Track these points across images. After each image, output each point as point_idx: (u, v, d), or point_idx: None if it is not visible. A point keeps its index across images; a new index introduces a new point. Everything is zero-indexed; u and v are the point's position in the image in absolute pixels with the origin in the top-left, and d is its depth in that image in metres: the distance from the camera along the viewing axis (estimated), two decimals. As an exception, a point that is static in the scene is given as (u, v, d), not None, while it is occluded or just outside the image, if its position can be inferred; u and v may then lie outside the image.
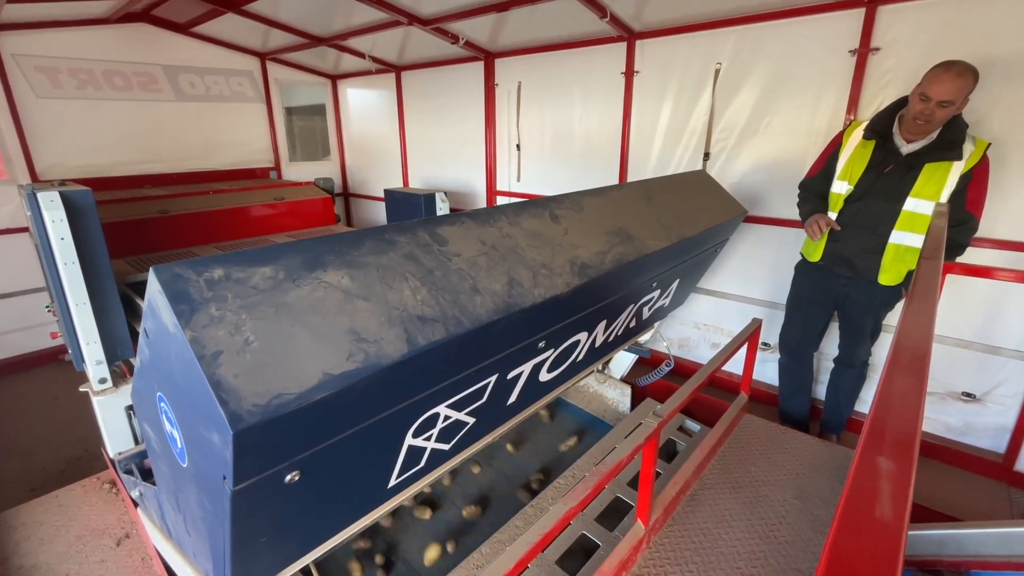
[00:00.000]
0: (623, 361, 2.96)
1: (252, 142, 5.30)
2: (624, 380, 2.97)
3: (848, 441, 2.75)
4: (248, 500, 0.81)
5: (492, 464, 2.48)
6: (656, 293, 2.18)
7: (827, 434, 2.81)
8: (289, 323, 0.84)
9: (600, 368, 3.01)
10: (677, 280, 2.33)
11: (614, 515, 2.04)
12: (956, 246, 2.15)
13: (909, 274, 2.27)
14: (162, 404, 0.99)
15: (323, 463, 0.92)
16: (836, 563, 0.40)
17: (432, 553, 1.94)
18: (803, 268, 2.64)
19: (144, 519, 1.80)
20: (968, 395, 2.60)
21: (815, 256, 2.51)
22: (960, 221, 2.10)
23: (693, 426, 2.61)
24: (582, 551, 1.85)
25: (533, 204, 1.53)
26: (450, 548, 1.98)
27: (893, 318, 2.54)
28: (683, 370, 3.44)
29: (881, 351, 2.66)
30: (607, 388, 2.96)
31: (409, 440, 1.16)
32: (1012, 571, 1.70)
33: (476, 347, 1.13)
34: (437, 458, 1.40)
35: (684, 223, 2.03)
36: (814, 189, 2.53)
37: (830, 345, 2.83)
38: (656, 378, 2.92)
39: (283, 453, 0.82)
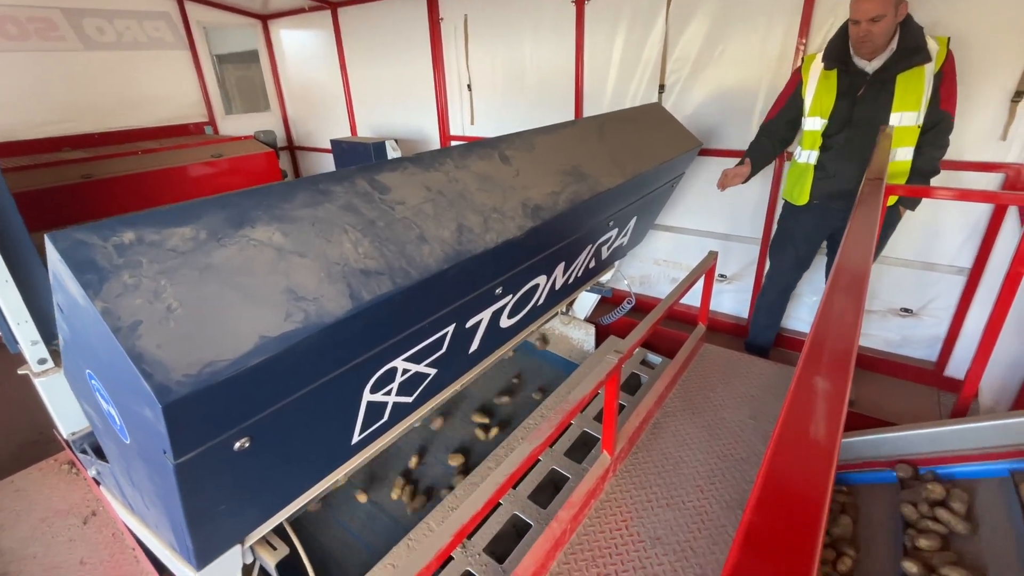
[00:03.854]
0: (586, 302, 3.00)
1: (180, 95, 4.86)
2: (588, 320, 3.02)
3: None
4: (195, 471, 0.78)
5: (462, 408, 2.52)
6: (614, 232, 2.17)
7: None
8: (216, 286, 0.78)
9: (564, 310, 3.04)
10: (635, 218, 2.32)
11: (582, 449, 2.12)
12: (932, 159, 2.14)
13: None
14: (93, 382, 0.92)
15: (275, 427, 0.90)
16: (773, 473, 0.41)
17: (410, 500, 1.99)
18: (792, 210, 2.58)
19: (108, 496, 1.76)
20: (906, 310, 2.76)
21: (802, 199, 2.45)
22: (935, 122, 2.10)
23: (655, 359, 2.70)
24: (552, 485, 1.92)
25: (481, 145, 1.45)
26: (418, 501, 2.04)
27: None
28: (645, 306, 3.53)
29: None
30: (572, 329, 3.00)
31: (368, 396, 1.14)
32: (939, 464, 1.87)
33: (428, 298, 1.09)
34: (401, 411, 1.39)
35: (639, 158, 2.00)
36: (773, 133, 2.48)
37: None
38: (618, 316, 2.98)
39: (227, 421, 0.78)
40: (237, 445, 0.83)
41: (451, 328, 1.30)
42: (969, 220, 2.50)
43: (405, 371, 1.23)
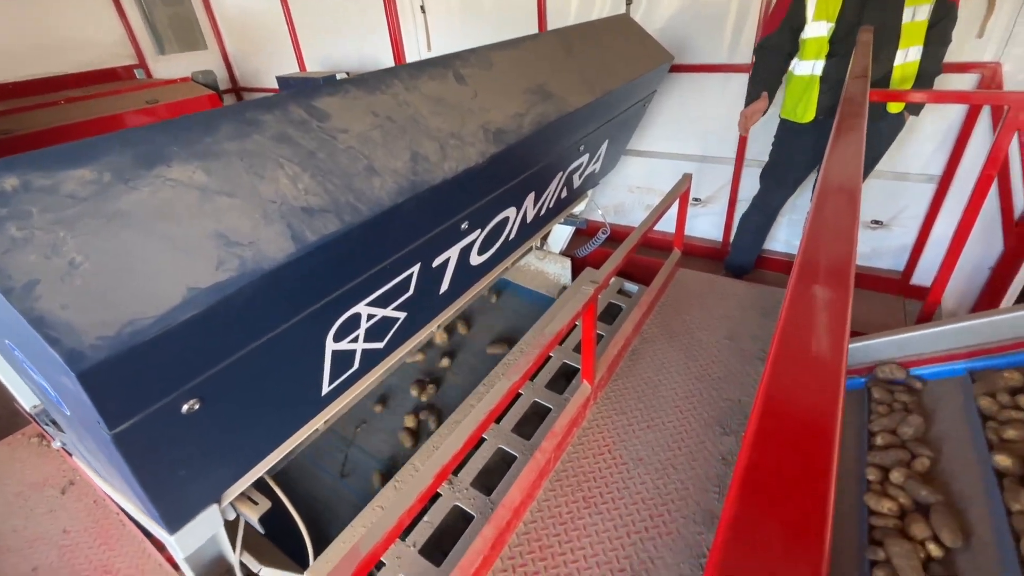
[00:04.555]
0: (560, 234, 2.93)
1: (102, 35, 4.36)
2: (563, 254, 2.96)
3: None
4: (138, 440, 0.71)
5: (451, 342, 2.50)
6: (585, 158, 2.06)
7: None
8: (129, 236, 0.68)
9: (538, 245, 2.97)
10: (606, 141, 2.21)
11: (564, 380, 2.13)
12: (937, 58, 2.04)
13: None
14: (15, 353, 0.83)
15: (229, 385, 0.83)
16: (773, 398, 0.36)
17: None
18: (794, 129, 2.40)
19: (81, 464, 1.71)
20: (876, 222, 2.78)
21: (807, 116, 2.28)
22: (941, 16, 1.98)
23: (631, 287, 2.69)
24: (537, 417, 1.94)
25: (433, 64, 1.31)
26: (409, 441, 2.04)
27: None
28: (620, 236, 3.47)
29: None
30: (547, 264, 2.95)
31: (331, 345, 1.08)
32: (910, 368, 1.93)
33: (385, 236, 1.00)
34: (372, 357, 1.34)
35: (608, 75, 1.86)
36: (779, 48, 2.26)
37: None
38: (594, 247, 2.93)
39: (166, 384, 0.71)
40: (185, 408, 0.76)
41: (416, 268, 1.22)
42: (941, 127, 2.46)
43: (371, 316, 1.16)
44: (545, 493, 1.60)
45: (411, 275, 1.22)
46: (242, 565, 1.47)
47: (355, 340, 1.16)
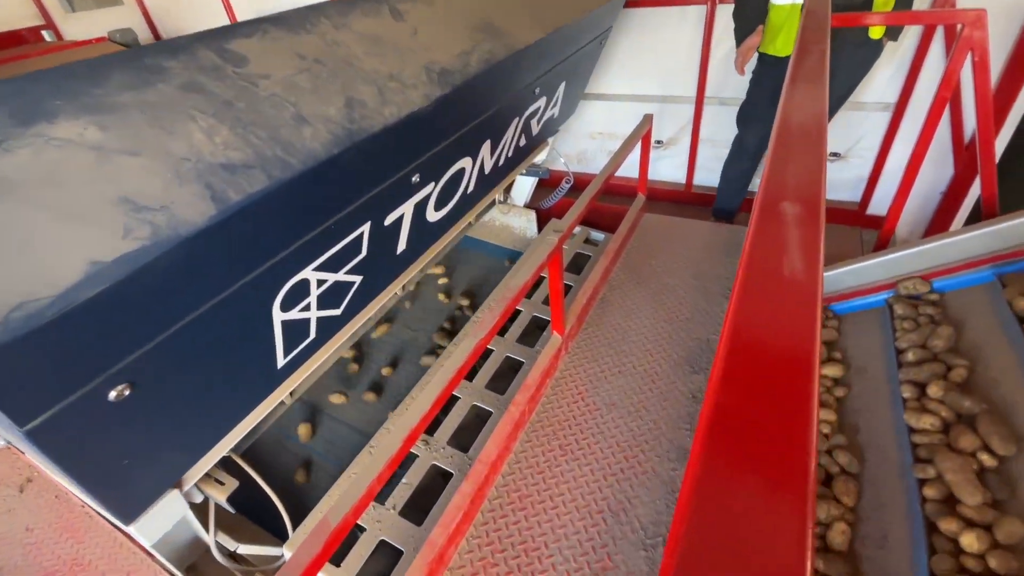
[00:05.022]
0: (523, 186, 2.85)
1: (-5, -8, 3.86)
2: (528, 206, 2.89)
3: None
4: (61, 433, 0.65)
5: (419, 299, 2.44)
6: (542, 102, 1.97)
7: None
8: (9, 206, 0.58)
9: (501, 198, 2.89)
10: (563, 84, 2.11)
11: (535, 333, 2.11)
12: None
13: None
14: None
15: (163, 365, 0.76)
16: (740, 328, 0.33)
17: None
18: (774, 64, 2.29)
19: (34, 460, 1.62)
20: (835, 155, 2.79)
21: (788, 49, 2.17)
22: None
23: (598, 236, 2.66)
24: (511, 371, 1.93)
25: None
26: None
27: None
28: (584, 184, 3.40)
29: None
30: (512, 217, 2.88)
31: (280, 316, 1.01)
32: (861, 296, 1.98)
33: (325, 192, 0.92)
34: (330, 325, 1.27)
35: (558, 10, 1.74)
36: None
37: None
38: (558, 197, 2.87)
39: (83, 370, 0.64)
40: (113, 395, 0.69)
41: (367, 227, 1.14)
42: (897, 53, 2.44)
43: (321, 282, 1.09)
44: (521, 445, 1.60)
45: (361, 235, 1.14)
46: (218, 545, 1.44)
47: (307, 309, 1.09)
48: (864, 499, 1.27)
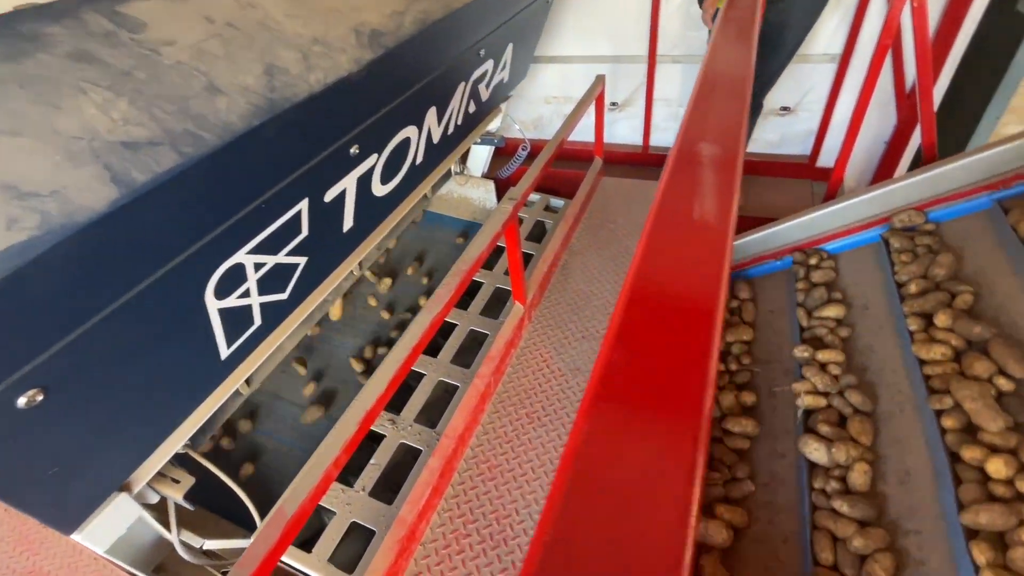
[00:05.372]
0: (479, 156, 2.78)
1: None
2: (486, 176, 2.83)
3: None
4: (-36, 447, 0.59)
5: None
6: (488, 65, 1.89)
7: None
8: None
9: (457, 169, 2.81)
10: (510, 46, 2.03)
11: (499, 305, 2.09)
12: None
13: None
14: None
15: (78, 366, 0.70)
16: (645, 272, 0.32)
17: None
18: None
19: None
20: (785, 109, 2.82)
21: None
22: None
23: (557, 203, 2.63)
24: (476, 344, 1.91)
25: (281, -45, 1.08)
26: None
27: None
28: (535, 151, 3.36)
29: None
30: (470, 189, 2.82)
31: (216, 304, 0.95)
32: (853, 234, 2.01)
33: (248, 168, 0.86)
34: (277, 311, 1.21)
35: (500, -36, 1.66)
36: None
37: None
38: (516, 166, 2.81)
39: (-21, 378, 0.58)
40: (22, 401, 0.63)
41: (304, 205, 1.08)
42: (842, 2, 2.45)
43: (259, 265, 1.03)
44: (489, 416, 1.60)
45: (299, 213, 1.08)
46: (183, 543, 1.40)
47: (246, 295, 1.04)
48: (881, 437, 1.25)
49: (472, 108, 1.96)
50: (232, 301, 0.99)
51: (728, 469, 1.38)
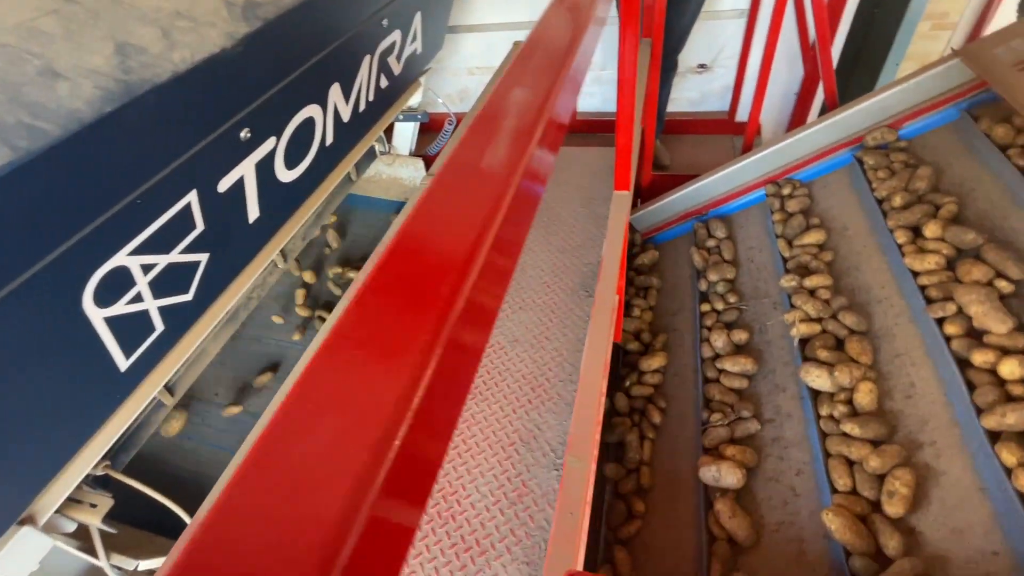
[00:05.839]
0: (404, 133, 2.69)
1: None
2: (414, 154, 2.75)
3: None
4: None
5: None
6: (396, 35, 1.81)
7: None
8: None
9: (384, 149, 2.71)
10: (418, 14, 1.95)
11: (434, 285, 2.06)
12: None
13: None
14: None
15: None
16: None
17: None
18: None
19: None
20: (702, 66, 2.87)
21: None
22: None
23: (488, 176, 2.60)
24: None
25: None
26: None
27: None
28: (471, 125, 3.29)
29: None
30: (399, 168, 2.73)
31: (98, 313, 0.87)
32: (734, 199, 2.11)
33: (107, 160, 0.78)
34: (183, 313, 1.13)
35: (393, -75, 1.57)
36: None
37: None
38: (444, 141, 2.74)
39: None
40: None
41: (193, 196, 1.00)
42: (747, -47, 2.49)
43: (148, 267, 0.95)
44: (430, 398, 1.59)
45: (189, 207, 1.00)
46: (114, 567, 1.33)
47: (138, 300, 0.96)
48: (881, 354, 1.24)
49: (384, 83, 1.87)
50: (120, 308, 0.92)
51: (730, 409, 1.38)
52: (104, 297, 0.87)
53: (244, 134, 1.08)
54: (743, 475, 1.21)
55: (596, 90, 3.02)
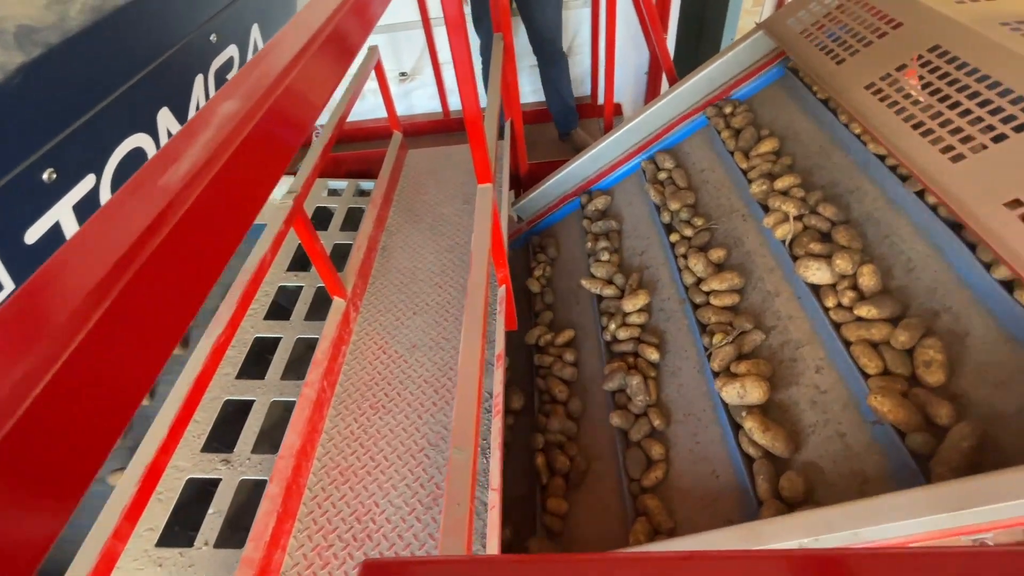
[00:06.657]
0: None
1: None
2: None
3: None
4: None
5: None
6: (232, 51, 1.70)
7: (566, 133, 2.88)
8: None
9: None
10: (254, 26, 1.84)
11: (326, 305, 1.98)
12: None
13: None
14: None
15: None
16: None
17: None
18: None
19: None
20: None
21: None
22: None
23: (369, 185, 2.54)
24: (302, 359, 1.78)
25: None
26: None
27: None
28: (342, 135, 3.19)
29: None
30: (270, 191, 2.57)
31: None
32: (605, 176, 2.23)
33: None
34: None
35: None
36: None
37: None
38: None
39: None
40: None
41: (-7, 255, 0.88)
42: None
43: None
44: (331, 421, 1.53)
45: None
46: None
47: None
48: (868, 239, 1.23)
49: (229, 102, 1.75)
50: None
51: (730, 326, 1.33)
52: None
53: (48, 175, 0.97)
54: (768, 387, 1.15)
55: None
